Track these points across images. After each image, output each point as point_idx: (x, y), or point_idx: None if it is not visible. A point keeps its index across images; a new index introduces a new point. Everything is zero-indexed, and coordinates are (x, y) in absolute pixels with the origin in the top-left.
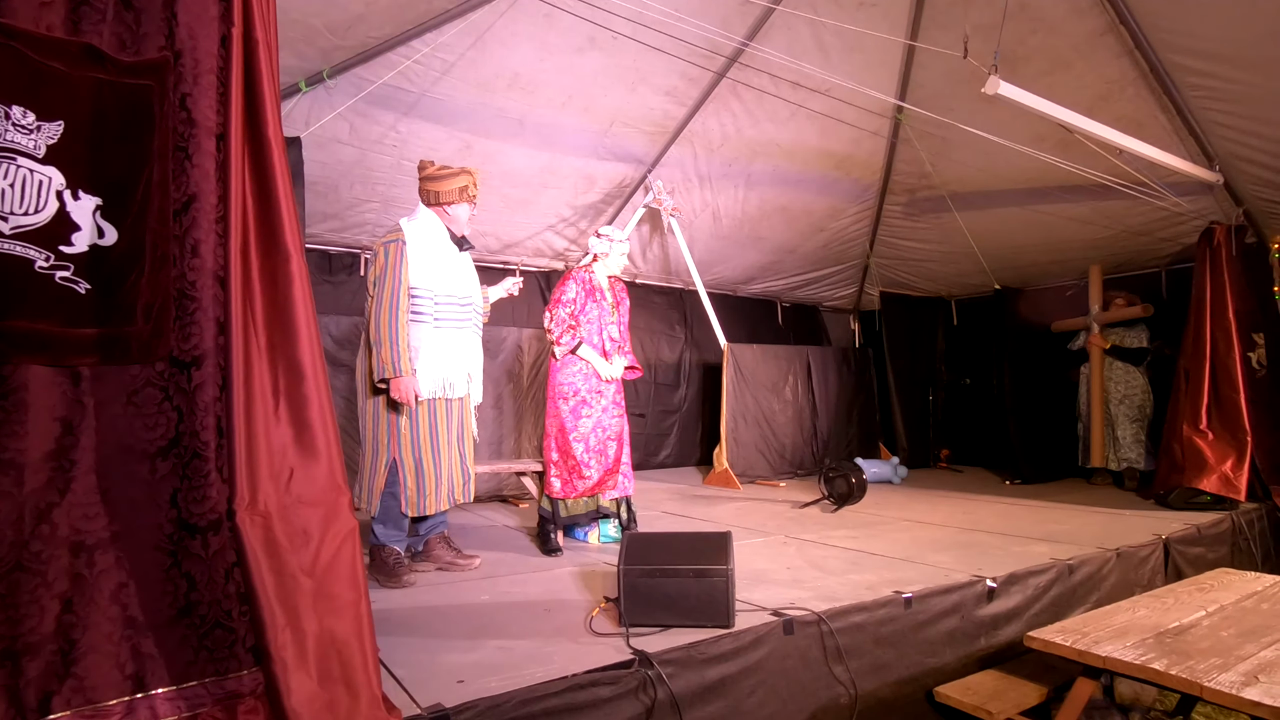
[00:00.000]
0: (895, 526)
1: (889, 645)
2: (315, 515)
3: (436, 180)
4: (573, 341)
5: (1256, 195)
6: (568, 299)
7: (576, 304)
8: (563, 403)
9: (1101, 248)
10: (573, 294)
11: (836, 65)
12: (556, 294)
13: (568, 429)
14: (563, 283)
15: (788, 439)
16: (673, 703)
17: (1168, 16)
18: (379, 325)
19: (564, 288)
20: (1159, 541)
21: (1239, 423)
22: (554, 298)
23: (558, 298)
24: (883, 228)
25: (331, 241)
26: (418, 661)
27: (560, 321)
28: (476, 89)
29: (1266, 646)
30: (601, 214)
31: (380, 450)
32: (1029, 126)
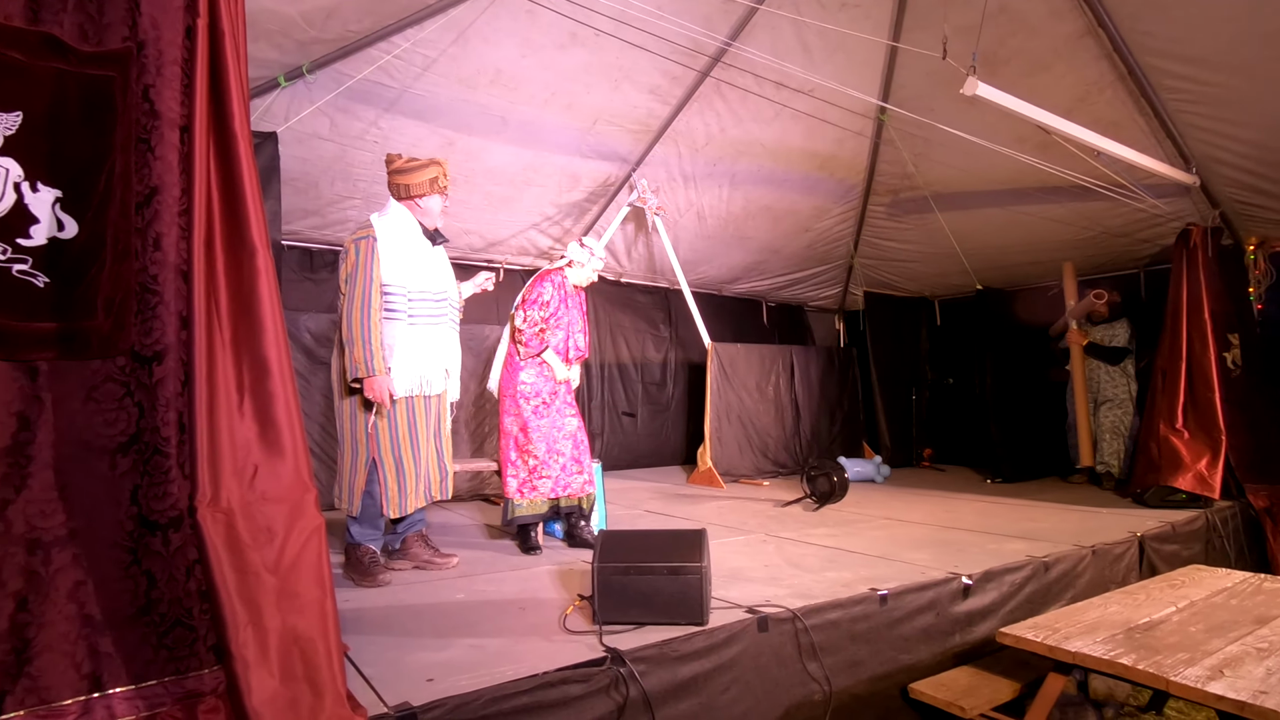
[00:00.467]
0: (875, 525)
1: (864, 642)
2: (280, 512)
3: (405, 173)
4: (540, 346)
5: (1232, 197)
6: (543, 300)
7: (550, 307)
8: (524, 402)
9: (1081, 249)
10: (548, 295)
11: (819, 66)
12: (531, 294)
13: (530, 429)
14: (538, 282)
15: (771, 438)
16: (645, 700)
17: (1146, 20)
18: (351, 324)
19: (540, 288)
20: (1134, 539)
21: (1214, 422)
22: (528, 297)
23: (533, 298)
24: (867, 228)
25: (312, 239)
26: (387, 660)
27: (533, 323)
28: (458, 85)
29: (1233, 641)
30: (586, 212)
31: (359, 450)
32: (1010, 128)
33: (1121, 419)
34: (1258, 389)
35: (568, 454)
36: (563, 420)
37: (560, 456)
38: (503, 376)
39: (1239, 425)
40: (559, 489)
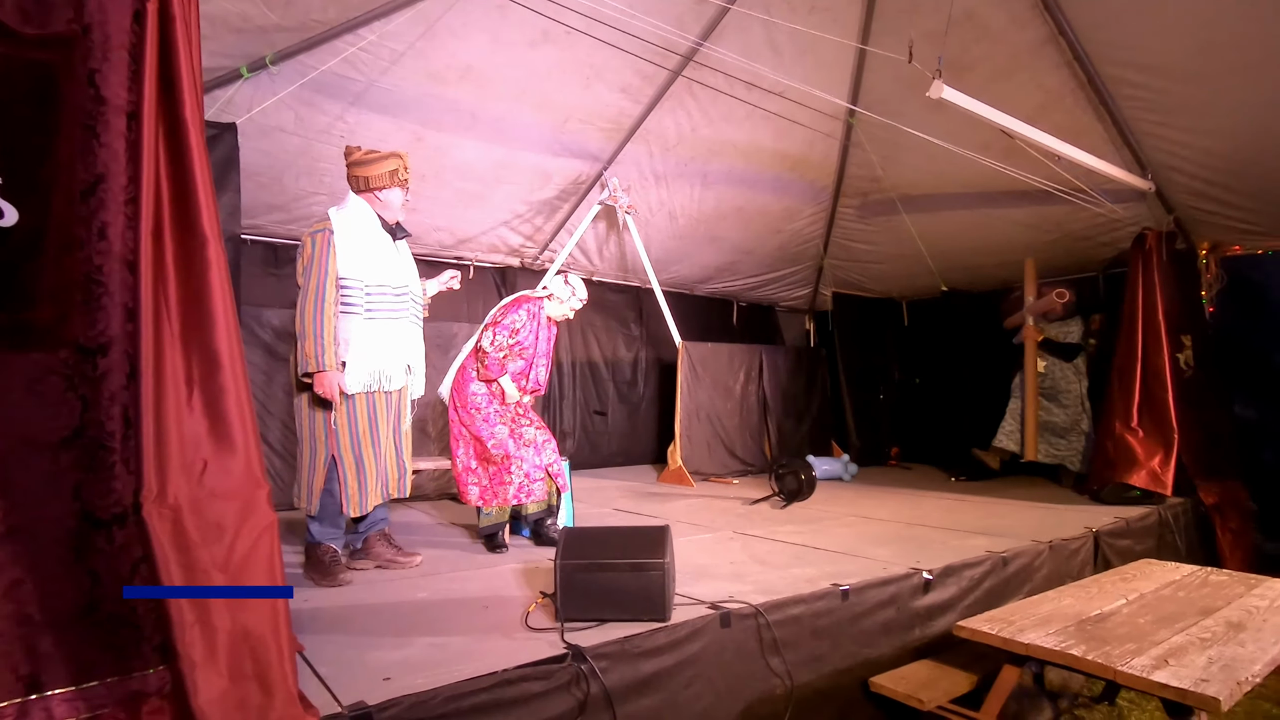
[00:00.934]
0: (841, 522)
1: (825, 637)
2: (230, 509)
3: (365, 165)
4: (499, 372)
5: (1186, 204)
6: (515, 327)
7: (520, 335)
8: (476, 413)
9: (1044, 251)
10: (521, 323)
11: (790, 68)
12: (505, 317)
13: (485, 437)
14: (514, 307)
15: (741, 437)
16: (606, 697)
17: (1105, 29)
18: (303, 318)
19: (514, 314)
20: (1089, 534)
21: (1167, 421)
22: (500, 319)
23: (506, 323)
24: (836, 229)
25: (276, 233)
26: (344, 659)
27: (499, 348)
28: (427, 80)
29: (1179, 632)
30: (557, 210)
31: (318, 447)
32: (975, 133)
33: (1077, 416)
34: (1208, 389)
35: (529, 460)
36: (520, 429)
37: (522, 463)
38: (456, 383)
39: (1190, 424)
40: (522, 495)
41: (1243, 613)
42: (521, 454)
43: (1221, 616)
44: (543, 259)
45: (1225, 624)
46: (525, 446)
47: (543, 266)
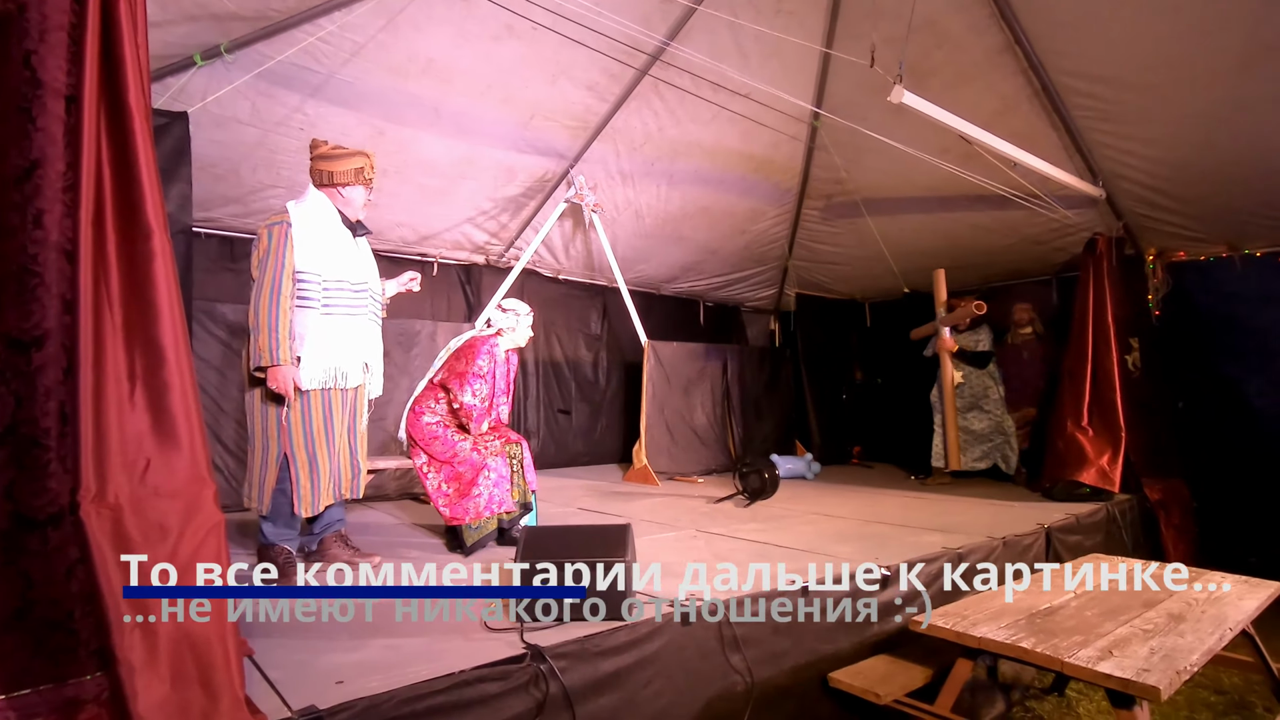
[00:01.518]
0: (803, 520)
1: (785, 634)
2: (174, 508)
3: (330, 160)
4: (481, 421)
5: (1134, 210)
6: (485, 372)
7: (490, 380)
8: (435, 441)
9: (1000, 255)
10: (488, 368)
11: (756, 69)
12: (472, 365)
13: (452, 460)
14: (475, 354)
15: (706, 436)
16: (565, 697)
17: (1059, 39)
18: (258, 310)
19: (478, 360)
20: (1041, 530)
21: (1115, 420)
22: (469, 370)
23: (476, 371)
24: (801, 231)
25: (233, 227)
26: (296, 663)
27: (482, 398)
28: (389, 73)
29: (1123, 624)
30: (523, 208)
31: (270, 444)
32: (936, 138)
33: (1000, 419)
34: (1154, 390)
35: (497, 470)
36: (485, 443)
37: (490, 472)
38: (410, 421)
39: (1137, 423)
40: (494, 506)
41: (1183, 604)
42: (489, 463)
43: (1163, 608)
44: (508, 256)
45: (1167, 615)
46: (494, 456)
47: (508, 264)
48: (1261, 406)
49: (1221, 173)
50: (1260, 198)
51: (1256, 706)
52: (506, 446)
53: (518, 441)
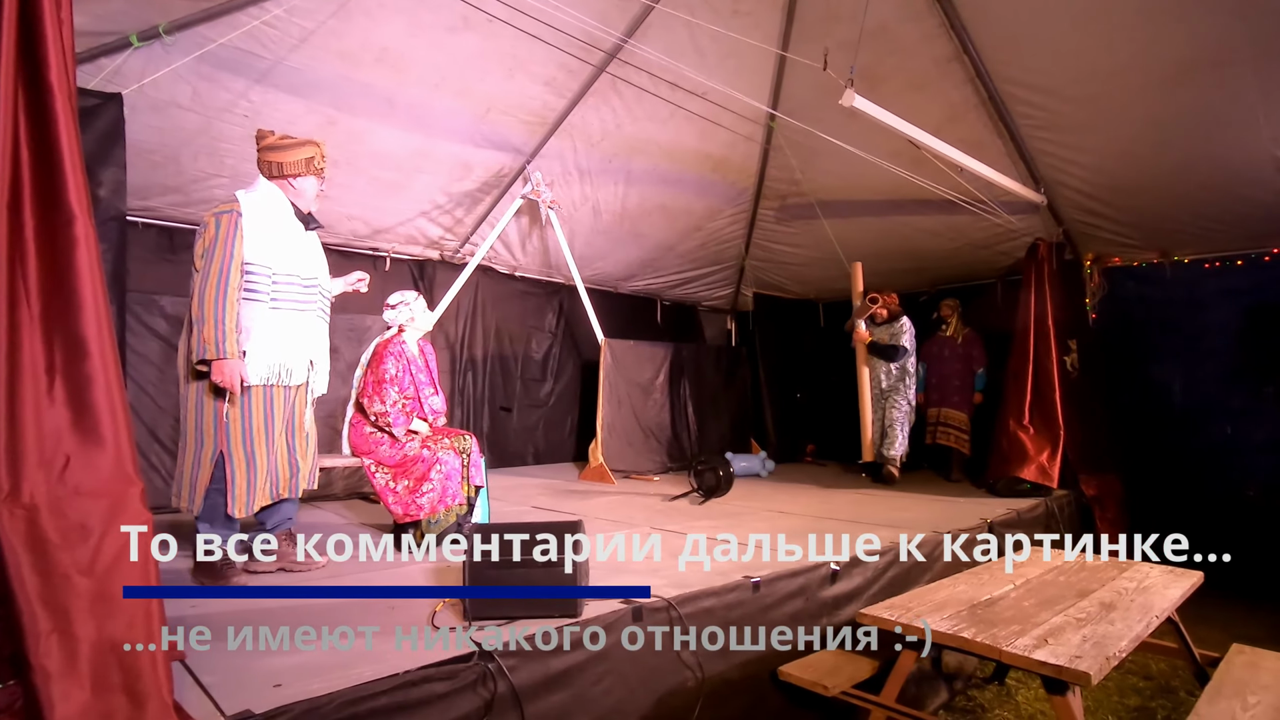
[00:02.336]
0: (757, 516)
1: (737, 628)
2: (97, 508)
3: (279, 150)
4: (408, 422)
5: (1074, 217)
6: (389, 377)
7: (399, 380)
8: (379, 446)
9: (947, 259)
10: (393, 370)
11: (713, 69)
12: (377, 372)
13: (403, 461)
14: (380, 361)
15: (662, 434)
16: (513, 695)
17: (1004, 49)
18: (203, 301)
19: (383, 365)
20: (985, 525)
21: (1054, 419)
22: (376, 377)
23: (381, 377)
24: (757, 231)
25: (173, 217)
26: (231, 666)
27: (395, 404)
28: (340, 61)
29: (1058, 613)
30: (479, 203)
31: (205, 441)
32: (887, 142)
33: (907, 413)
34: (1091, 390)
35: (450, 463)
36: (434, 439)
37: (443, 465)
38: (351, 437)
39: (1075, 422)
40: (449, 499)
41: (1114, 594)
42: (441, 457)
43: (1096, 598)
44: (464, 252)
45: (1099, 604)
46: (445, 450)
47: (463, 260)
48: (1186, 405)
49: (1153, 183)
50: (1189, 208)
51: (1180, 691)
52: (456, 441)
53: (466, 435)
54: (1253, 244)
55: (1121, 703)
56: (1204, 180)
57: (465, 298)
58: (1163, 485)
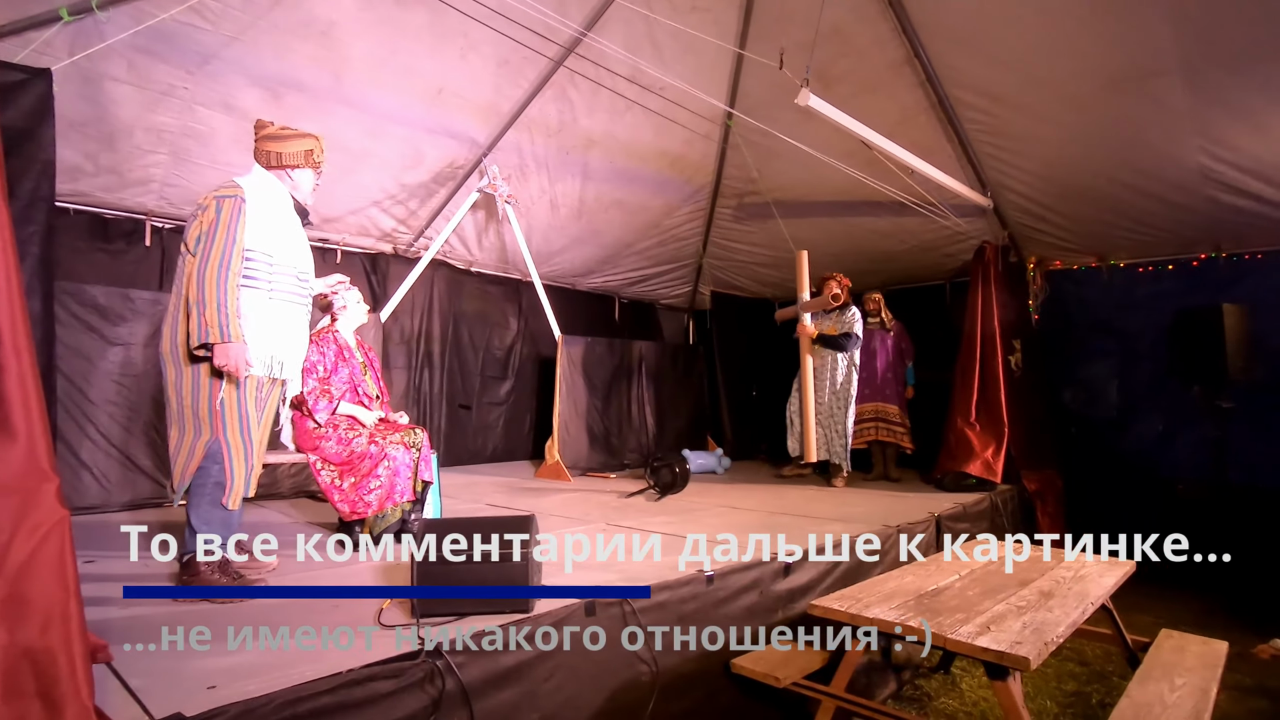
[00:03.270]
0: (712, 512)
1: (691, 622)
2: (6, 505)
3: (279, 140)
4: (331, 405)
5: (1018, 220)
6: (312, 362)
7: (322, 369)
8: (324, 441)
9: (898, 259)
10: (315, 358)
11: (670, 65)
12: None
13: (349, 457)
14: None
15: (619, 432)
16: (462, 693)
17: (952, 55)
18: (205, 284)
19: (308, 358)
20: (932, 518)
21: (999, 416)
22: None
23: (307, 368)
24: (715, 230)
25: (107, 204)
26: (163, 669)
27: (311, 390)
28: (285, 35)
29: (1000, 602)
30: (433, 194)
31: (201, 429)
32: (842, 143)
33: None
34: (1033, 388)
35: (398, 459)
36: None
37: (390, 461)
38: (296, 435)
39: (1018, 419)
40: (396, 496)
41: (1053, 583)
42: (389, 452)
43: (1035, 587)
44: (418, 246)
45: (1038, 593)
46: (393, 445)
47: (417, 254)
48: (1121, 403)
49: (1091, 188)
50: (1124, 213)
51: (1113, 676)
52: (405, 435)
53: (416, 429)
54: (1183, 249)
55: (1059, 688)
56: (1137, 187)
57: (421, 293)
58: (1099, 480)
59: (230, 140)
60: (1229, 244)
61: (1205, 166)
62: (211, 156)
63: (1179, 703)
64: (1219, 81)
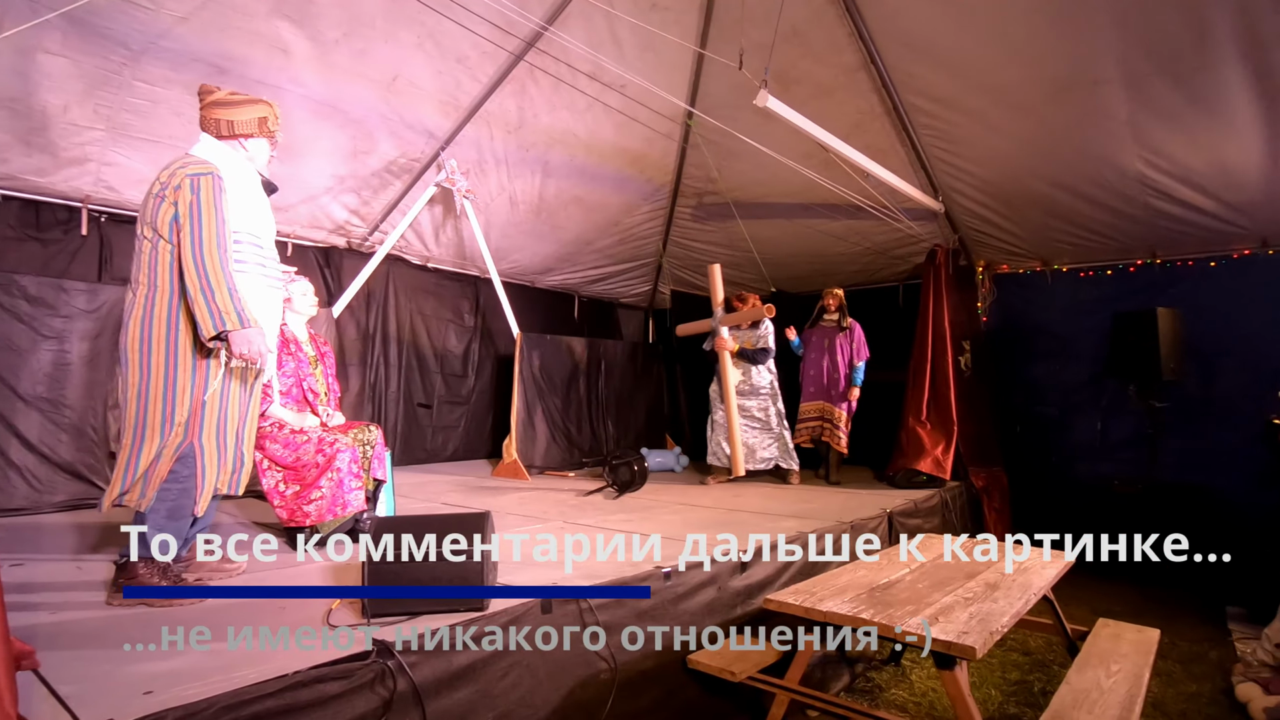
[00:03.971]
0: (669, 510)
1: (649, 619)
2: None
3: (229, 107)
4: (267, 403)
5: (967, 224)
6: None
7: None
8: (270, 443)
9: (853, 262)
10: None
11: (631, 62)
12: None
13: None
14: None
15: (578, 430)
16: (414, 693)
17: (906, 60)
18: (209, 268)
19: None
20: (884, 515)
21: (949, 415)
22: None
23: None
24: (674, 229)
25: (40, 189)
26: (96, 675)
27: None
28: (230, 8)
29: (948, 594)
30: (388, 186)
31: (175, 432)
32: (799, 145)
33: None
34: (982, 389)
35: (345, 468)
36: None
37: (333, 473)
38: None
39: (968, 418)
40: (338, 509)
41: (998, 575)
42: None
43: (982, 579)
44: (373, 240)
45: (984, 585)
46: (342, 452)
47: (372, 249)
48: (1062, 403)
49: (1036, 194)
50: (1067, 219)
51: (1054, 665)
52: (359, 432)
53: (370, 426)
54: (1121, 255)
55: (1004, 677)
56: (1080, 193)
57: (377, 288)
58: (1041, 477)
59: (172, 114)
60: (1164, 250)
61: (1143, 174)
62: (156, 132)
63: (1114, 688)
64: (1157, 91)
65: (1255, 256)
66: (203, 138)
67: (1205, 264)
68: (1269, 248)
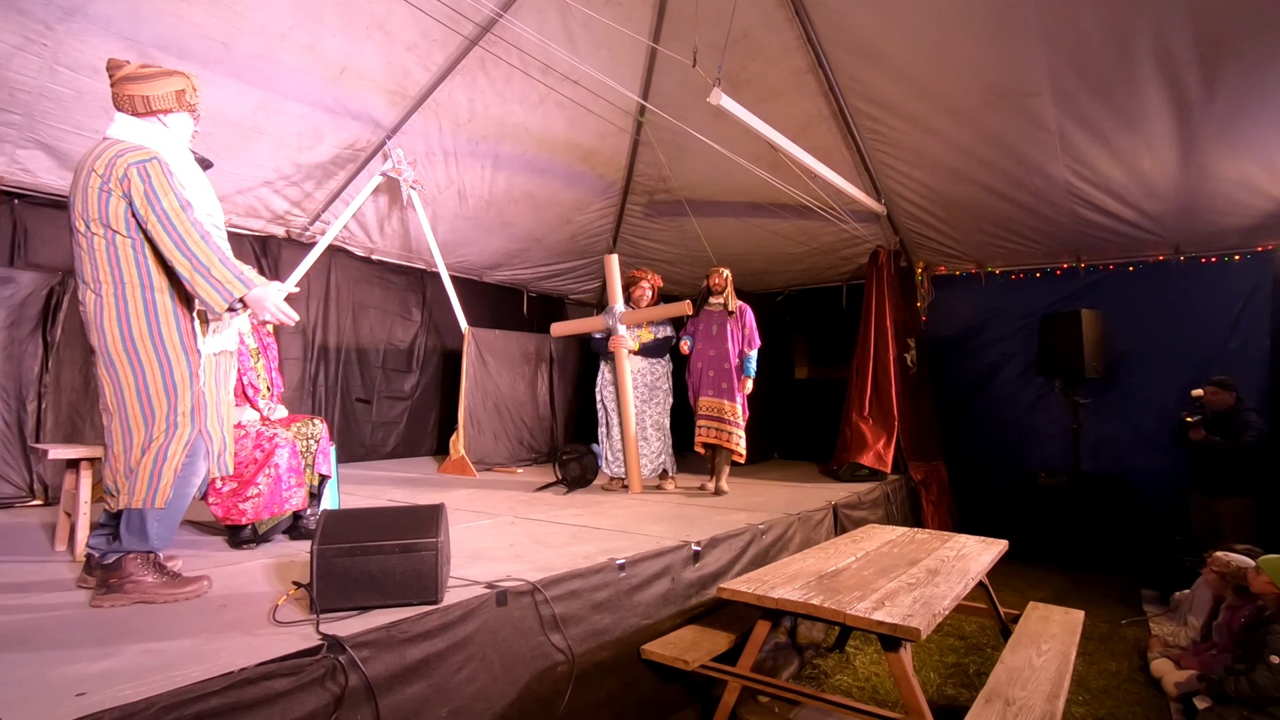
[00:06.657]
0: (619, 504)
1: (605, 611)
2: None
3: (142, 81)
4: None
5: (908, 227)
6: None
7: None
8: None
9: (800, 261)
10: None
11: (584, 56)
12: None
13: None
14: None
15: (527, 426)
16: (367, 688)
17: (851, 65)
18: (193, 249)
19: None
20: (830, 506)
21: (890, 411)
22: None
23: None
24: (625, 226)
25: None
26: (23, 678)
27: None
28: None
29: (893, 580)
30: (332, 176)
31: (181, 424)
32: (750, 145)
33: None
34: (921, 385)
35: (285, 463)
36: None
37: (271, 469)
38: None
39: (909, 414)
40: (275, 507)
41: (938, 561)
42: (275, 458)
43: (923, 566)
44: (313, 230)
45: (926, 571)
46: (281, 448)
47: (313, 239)
48: (994, 399)
49: (971, 200)
50: (999, 223)
51: (987, 648)
52: (302, 426)
53: (315, 420)
54: (1049, 260)
55: (941, 660)
56: (1012, 199)
57: (317, 280)
58: (975, 470)
59: (98, 104)
60: (1088, 255)
61: (1070, 183)
62: (80, 117)
63: (1044, 665)
64: (1083, 105)
65: (1169, 262)
66: (118, 117)
67: (1125, 269)
68: (1181, 254)
